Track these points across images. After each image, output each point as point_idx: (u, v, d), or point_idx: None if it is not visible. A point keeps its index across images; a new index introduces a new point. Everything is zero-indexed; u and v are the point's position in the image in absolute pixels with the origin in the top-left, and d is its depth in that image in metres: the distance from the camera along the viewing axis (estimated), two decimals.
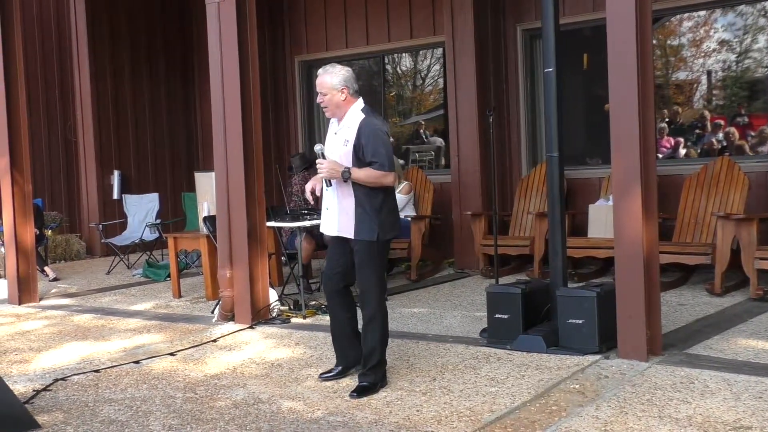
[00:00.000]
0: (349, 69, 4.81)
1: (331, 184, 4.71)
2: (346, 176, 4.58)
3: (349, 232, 4.68)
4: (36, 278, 8.54)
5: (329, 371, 5.02)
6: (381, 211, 4.65)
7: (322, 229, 4.90)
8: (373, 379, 4.70)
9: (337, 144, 4.72)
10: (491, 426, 4.02)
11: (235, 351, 5.84)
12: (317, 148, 4.79)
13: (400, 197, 8.98)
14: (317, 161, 4.71)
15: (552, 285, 5.70)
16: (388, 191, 4.74)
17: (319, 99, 4.77)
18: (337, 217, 4.72)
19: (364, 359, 4.76)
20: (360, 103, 4.78)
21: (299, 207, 7.90)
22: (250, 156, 6.70)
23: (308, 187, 4.87)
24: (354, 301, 4.96)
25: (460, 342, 5.77)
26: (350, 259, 4.79)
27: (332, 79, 4.69)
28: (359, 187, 4.62)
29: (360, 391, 4.62)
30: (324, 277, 4.95)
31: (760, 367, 4.83)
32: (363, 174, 4.58)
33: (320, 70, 4.78)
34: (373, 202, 4.64)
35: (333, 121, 4.86)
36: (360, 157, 4.62)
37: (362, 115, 4.70)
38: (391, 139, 10.96)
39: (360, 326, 4.87)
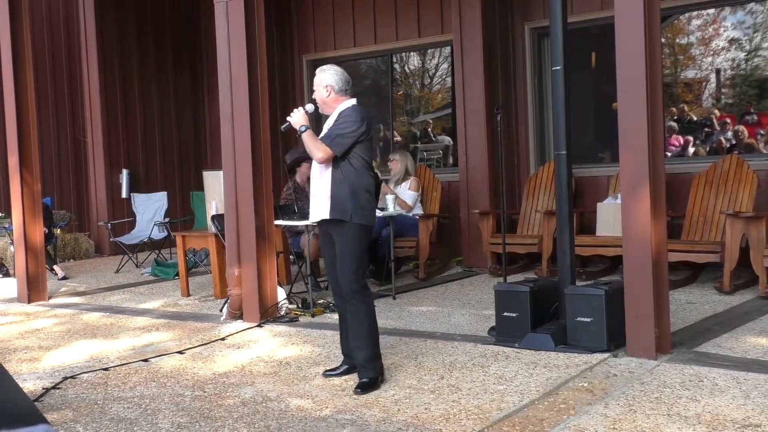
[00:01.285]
0: (340, 69, 4.98)
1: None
2: (301, 130, 4.84)
3: (324, 214, 4.81)
4: (45, 277, 8.57)
5: (334, 369, 5.06)
6: (355, 197, 4.75)
7: (312, 218, 5.01)
8: (372, 374, 4.75)
9: (323, 131, 4.91)
10: (499, 424, 4.02)
11: (244, 349, 5.86)
12: (308, 106, 5.01)
13: (411, 194, 9.01)
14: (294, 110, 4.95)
15: (560, 283, 5.69)
16: (362, 181, 4.80)
17: (315, 95, 5.01)
18: (320, 202, 4.85)
19: (355, 354, 4.83)
20: (351, 101, 4.94)
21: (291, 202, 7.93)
22: (258, 155, 6.72)
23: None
24: None
25: (469, 340, 5.77)
26: None
27: (320, 76, 4.94)
28: (336, 173, 4.79)
29: (363, 388, 4.66)
30: (329, 279, 5.06)
31: None
32: (310, 137, 4.81)
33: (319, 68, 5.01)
34: (347, 187, 4.76)
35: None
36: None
37: (349, 106, 4.91)
38: (397, 139, 11.10)
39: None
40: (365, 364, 4.76)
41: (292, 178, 8.53)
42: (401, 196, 8.88)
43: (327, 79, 4.89)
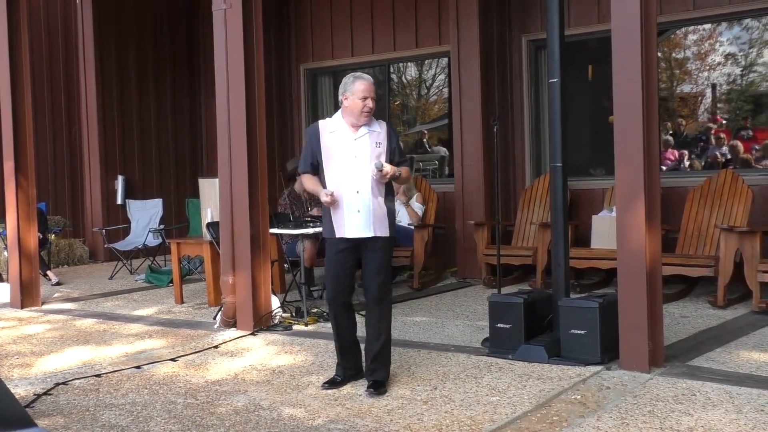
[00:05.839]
0: None
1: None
2: (398, 174, 4.85)
3: (385, 231, 4.85)
4: (39, 282, 8.55)
5: (332, 382, 4.97)
6: (394, 212, 5.02)
7: (351, 234, 4.79)
8: (385, 374, 4.85)
9: (365, 145, 4.79)
10: None
11: (237, 357, 5.84)
12: (377, 162, 4.75)
13: (419, 205, 9.09)
14: (383, 170, 4.71)
15: (554, 295, 5.69)
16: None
17: (371, 104, 4.79)
18: (371, 218, 4.79)
19: (379, 354, 4.84)
20: None
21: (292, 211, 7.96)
22: (254, 163, 6.72)
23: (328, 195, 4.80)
24: (354, 312, 5.04)
25: (462, 351, 5.77)
26: (355, 270, 4.95)
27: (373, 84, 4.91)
28: (387, 191, 4.88)
29: (377, 387, 4.75)
30: (333, 291, 4.91)
31: (763, 379, 4.83)
32: (405, 172, 4.94)
33: (365, 77, 4.85)
34: (392, 202, 4.96)
35: (339, 127, 4.86)
36: (390, 158, 4.86)
37: (381, 121, 4.97)
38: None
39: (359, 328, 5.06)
40: (384, 365, 4.87)
41: (289, 185, 8.54)
42: (413, 207, 9.03)
43: None
